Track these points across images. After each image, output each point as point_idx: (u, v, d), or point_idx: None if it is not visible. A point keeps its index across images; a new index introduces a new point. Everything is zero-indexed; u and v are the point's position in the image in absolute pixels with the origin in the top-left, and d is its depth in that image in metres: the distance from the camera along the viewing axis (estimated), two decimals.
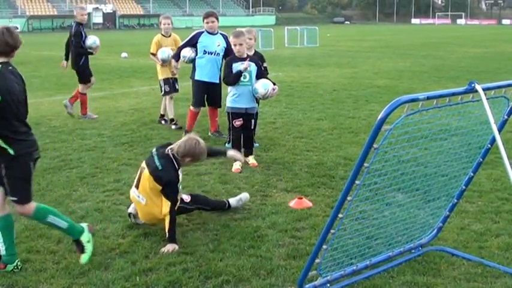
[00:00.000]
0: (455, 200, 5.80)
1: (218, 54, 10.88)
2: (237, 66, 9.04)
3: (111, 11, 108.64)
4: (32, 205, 5.58)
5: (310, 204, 7.24)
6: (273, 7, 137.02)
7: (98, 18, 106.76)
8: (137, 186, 6.46)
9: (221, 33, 11.07)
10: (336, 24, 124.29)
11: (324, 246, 4.71)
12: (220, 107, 11.20)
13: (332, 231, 4.59)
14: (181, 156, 6.38)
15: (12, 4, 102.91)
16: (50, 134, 11.63)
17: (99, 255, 5.83)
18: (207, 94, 11.06)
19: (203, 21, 11.03)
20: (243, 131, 9.25)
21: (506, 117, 5.13)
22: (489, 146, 5.37)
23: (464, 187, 5.70)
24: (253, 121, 9.50)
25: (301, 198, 7.32)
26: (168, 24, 12.66)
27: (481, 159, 5.49)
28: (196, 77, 10.96)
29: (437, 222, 5.96)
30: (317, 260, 4.79)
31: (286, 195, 7.66)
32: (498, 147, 4.35)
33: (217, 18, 11.04)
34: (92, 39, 13.28)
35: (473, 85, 4.33)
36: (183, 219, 6.75)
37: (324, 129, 11.87)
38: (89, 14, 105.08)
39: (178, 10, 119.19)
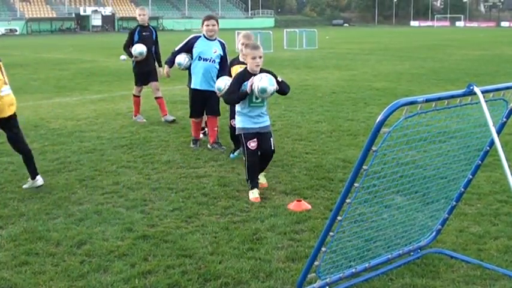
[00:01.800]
0: (454, 203, 5.81)
1: (214, 61, 10.29)
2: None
3: (110, 14, 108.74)
4: None
5: (309, 206, 7.24)
6: (271, 9, 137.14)
7: (96, 21, 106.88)
8: None
9: (219, 40, 10.45)
10: (334, 27, 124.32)
11: (323, 249, 4.71)
12: (219, 115, 10.58)
13: (331, 233, 4.59)
14: None
15: (11, 7, 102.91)
16: (49, 137, 11.62)
17: (98, 258, 5.83)
18: (205, 103, 10.46)
19: (202, 24, 10.39)
20: (262, 153, 7.94)
21: (505, 119, 5.13)
22: (488, 148, 5.37)
23: (463, 189, 5.70)
24: (272, 140, 7.94)
25: (300, 201, 7.32)
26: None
27: (480, 162, 5.49)
28: (192, 86, 10.44)
29: (436, 225, 5.96)
30: (316, 263, 4.78)
31: (285, 198, 7.66)
32: (497, 150, 4.35)
33: (217, 23, 10.42)
34: (138, 50, 12.51)
35: (472, 87, 4.33)
36: (181, 222, 6.75)
37: (323, 131, 11.87)
38: (87, 16, 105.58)
39: (177, 12, 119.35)
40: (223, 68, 10.09)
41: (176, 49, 10.52)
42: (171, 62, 10.59)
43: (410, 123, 4.23)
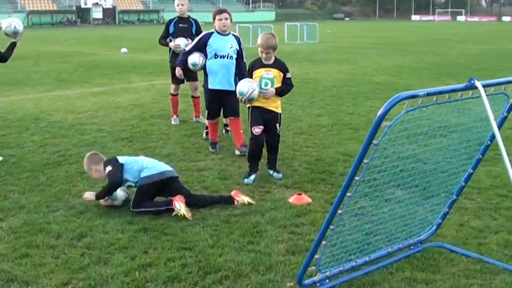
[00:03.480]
0: (455, 197, 5.81)
1: (231, 57, 9.48)
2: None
3: (111, 7, 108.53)
4: None
5: (309, 200, 7.25)
6: (272, 3, 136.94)
7: (97, 14, 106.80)
8: None
9: (233, 34, 9.74)
10: (335, 21, 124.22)
11: (323, 242, 4.72)
12: (238, 116, 9.64)
13: (331, 227, 4.59)
14: None
15: None
16: (50, 129, 11.62)
17: (99, 250, 5.84)
18: (222, 104, 9.62)
19: (214, 18, 9.59)
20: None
21: (505, 114, 5.12)
22: (489, 142, 5.37)
23: (463, 184, 5.70)
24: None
25: (300, 194, 7.32)
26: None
27: (481, 156, 5.50)
28: (210, 86, 9.53)
29: (437, 219, 5.96)
30: (316, 256, 4.79)
31: (286, 191, 7.66)
32: (498, 144, 4.35)
33: (230, 16, 9.65)
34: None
35: (473, 82, 4.33)
36: (181, 215, 6.75)
37: (324, 125, 11.87)
38: (88, 9, 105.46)
39: None
40: (240, 64, 9.56)
41: (187, 48, 9.84)
42: (183, 63, 9.77)
43: (411, 117, 4.23)
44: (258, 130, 8.16)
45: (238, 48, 9.61)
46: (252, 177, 8.11)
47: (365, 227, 5.39)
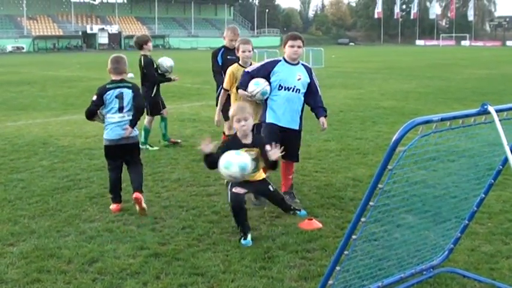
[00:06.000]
0: (467, 222, 5.79)
1: (298, 90, 8.19)
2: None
3: (117, 32, 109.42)
4: None
5: (320, 225, 7.24)
6: (277, 28, 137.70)
7: (103, 39, 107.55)
8: None
9: (303, 64, 8.42)
10: (340, 46, 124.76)
11: (337, 268, 4.70)
12: (298, 160, 8.68)
13: (345, 252, 4.58)
14: None
15: (18, 24, 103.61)
16: (58, 154, 11.66)
17: (110, 276, 5.83)
18: (283, 144, 7.58)
19: (284, 45, 8.28)
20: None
21: None
22: (500, 167, 5.36)
23: (475, 208, 5.69)
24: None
25: (311, 219, 7.31)
26: (249, 51, 9.12)
27: (493, 181, 5.49)
28: (269, 119, 8.24)
29: (449, 244, 5.95)
30: (330, 282, 4.78)
31: (296, 216, 7.63)
32: (509, 169, 4.35)
33: (304, 44, 8.35)
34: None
35: (486, 107, 4.34)
36: (192, 240, 6.75)
37: (332, 150, 11.88)
38: (94, 34, 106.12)
39: (183, 31, 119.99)
40: (315, 98, 8.40)
41: (249, 70, 8.41)
42: (244, 85, 8.32)
43: (425, 142, 4.24)
44: (239, 190, 7.02)
45: (309, 81, 8.31)
46: (249, 236, 6.79)
47: (377, 252, 5.38)
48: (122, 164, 8.26)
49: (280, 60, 8.29)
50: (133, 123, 8.00)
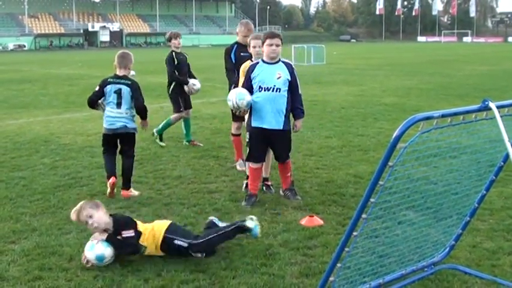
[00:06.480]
0: (468, 218, 5.78)
1: (279, 89, 7.99)
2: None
3: (118, 30, 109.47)
4: None
5: (321, 222, 7.23)
6: (279, 25, 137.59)
7: (104, 37, 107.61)
8: None
9: (283, 61, 8.19)
10: (342, 42, 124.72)
11: (338, 265, 4.70)
12: (288, 159, 8.40)
13: (346, 249, 4.58)
14: None
15: (19, 22, 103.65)
16: (60, 152, 11.66)
17: (112, 273, 5.82)
18: (270, 145, 8.26)
19: (263, 43, 8.09)
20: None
21: None
22: (502, 163, 5.35)
23: (477, 205, 5.68)
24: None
25: (312, 216, 7.31)
26: (260, 46, 8.49)
27: (494, 177, 5.48)
28: (253, 123, 8.16)
29: (450, 240, 5.94)
30: (331, 278, 4.77)
31: (297, 213, 7.64)
32: (509, 165, 4.34)
33: (282, 41, 8.10)
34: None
35: (487, 103, 4.33)
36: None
37: (333, 147, 11.88)
38: (96, 32, 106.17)
39: (185, 28, 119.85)
40: (295, 97, 8.27)
41: (240, 84, 8.49)
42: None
43: (426, 138, 4.23)
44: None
45: (289, 79, 8.12)
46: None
47: (378, 249, 5.38)
48: (116, 150, 8.84)
49: (258, 62, 8.15)
50: (143, 117, 9.09)
